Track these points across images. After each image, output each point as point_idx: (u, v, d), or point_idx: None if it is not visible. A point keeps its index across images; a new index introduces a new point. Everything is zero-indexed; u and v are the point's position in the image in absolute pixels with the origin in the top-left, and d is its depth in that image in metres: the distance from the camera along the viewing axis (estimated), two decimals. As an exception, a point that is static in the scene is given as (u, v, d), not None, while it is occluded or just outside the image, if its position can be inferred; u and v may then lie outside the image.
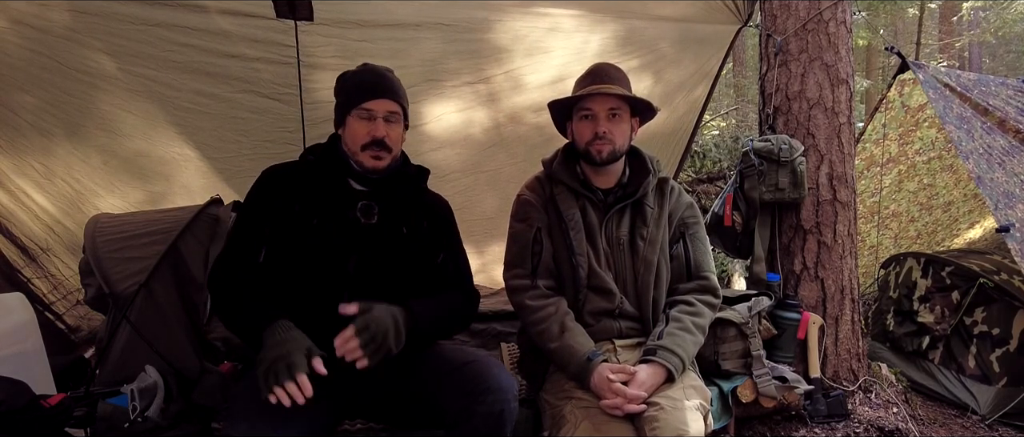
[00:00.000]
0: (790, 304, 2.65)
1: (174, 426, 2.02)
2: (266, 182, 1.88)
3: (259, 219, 1.82)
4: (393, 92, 1.87)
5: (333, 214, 1.83)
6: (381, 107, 1.83)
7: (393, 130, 1.86)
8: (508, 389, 1.69)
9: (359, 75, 1.90)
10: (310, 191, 1.84)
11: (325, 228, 1.80)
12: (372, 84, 1.85)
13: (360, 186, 1.88)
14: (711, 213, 3.02)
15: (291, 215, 1.80)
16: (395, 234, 1.88)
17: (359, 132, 1.83)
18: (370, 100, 1.82)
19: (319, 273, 1.79)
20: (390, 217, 1.88)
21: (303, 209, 1.81)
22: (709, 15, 3.10)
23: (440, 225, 2.01)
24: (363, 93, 1.84)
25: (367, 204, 1.85)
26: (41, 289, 3.13)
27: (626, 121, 2.05)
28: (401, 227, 1.90)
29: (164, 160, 3.17)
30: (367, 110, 1.82)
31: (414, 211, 1.94)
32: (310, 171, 1.87)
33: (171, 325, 2.32)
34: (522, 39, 3.06)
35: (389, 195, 1.90)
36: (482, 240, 3.89)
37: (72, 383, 2.37)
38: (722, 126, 10.18)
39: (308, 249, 1.79)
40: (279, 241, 1.80)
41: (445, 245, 2.00)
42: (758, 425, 2.57)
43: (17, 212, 3.06)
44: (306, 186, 1.85)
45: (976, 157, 2.82)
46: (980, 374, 3.20)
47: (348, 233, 1.82)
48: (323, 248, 1.80)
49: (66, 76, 2.72)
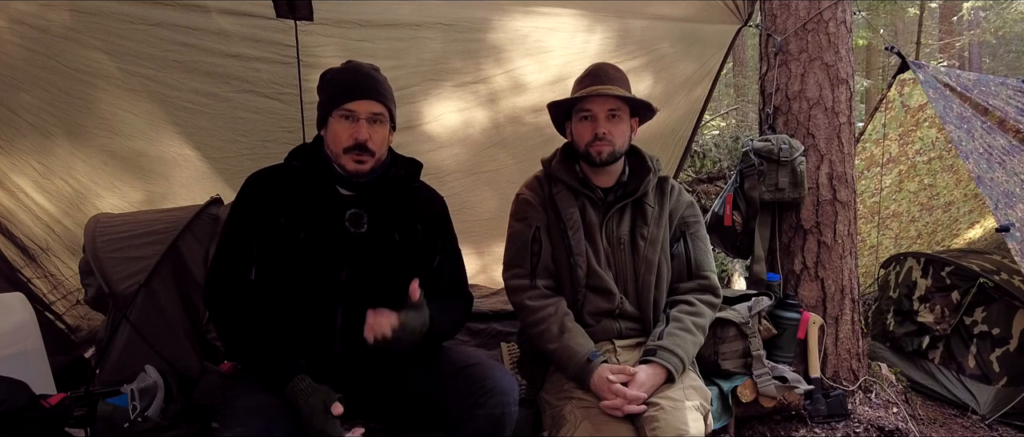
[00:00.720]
0: (790, 304, 2.65)
1: (174, 426, 2.02)
2: (248, 193, 1.80)
3: (246, 235, 1.76)
4: (377, 92, 1.79)
5: (321, 225, 1.77)
6: (364, 108, 1.74)
7: (377, 133, 1.77)
8: (509, 391, 1.68)
9: (342, 73, 1.81)
10: (296, 200, 1.78)
11: (314, 240, 1.76)
12: (355, 84, 1.77)
13: (347, 191, 1.82)
14: (711, 213, 3.02)
15: (277, 228, 1.74)
16: (387, 241, 1.83)
17: (341, 134, 1.75)
18: (352, 100, 1.74)
19: (310, 286, 1.76)
20: (381, 224, 1.83)
21: (289, 221, 1.75)
22: (709, 15, 3.10)
23: (435, 227, 1.96)
24: (345, 93, 1.75)
25: (356, 213, 1.79)
26: (41, 289, 3.13)
27: (625, 121, 2.05)
28: (393, 234, 1.84)
29: (164, 160, 3.17)
30: (349, 111, 1.74)
31: (406, 215, 1.88)
32: (295, 178, 1.81)
33: (171, 325, 2.32)
34: (522, 39, 3.06)
35: (377, 201, 1.84)
36: (482, 240, 3.89)
37: (72, 383, 2.37)
38: (722, 126, 10.17)
39: (298, 263, 1.75)
40: (267, 257, 1.75)
41: (441, 248, 1.97)
42: (758, 425, 2.57)
43: (17, 212, 3.06)
44: (292, 195, 1.78)
45: (976, 157, 2.82)
46: (980, 374, 3.20)
47: (338, 243, 1.77)
48: (313, 261, 1.75)
49: (66, 76, 2.72)
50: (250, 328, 1.70)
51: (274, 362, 1.66)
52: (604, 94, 1.99)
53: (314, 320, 1.76)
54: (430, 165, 3.38)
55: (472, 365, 1.76)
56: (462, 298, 2.02)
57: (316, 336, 1.77)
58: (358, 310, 1.70)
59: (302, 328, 1.75)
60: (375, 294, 1.76)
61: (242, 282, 1.74)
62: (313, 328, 1.76)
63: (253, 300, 1.74)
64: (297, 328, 1.75)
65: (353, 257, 1.78)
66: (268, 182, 1.81)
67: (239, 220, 1.79)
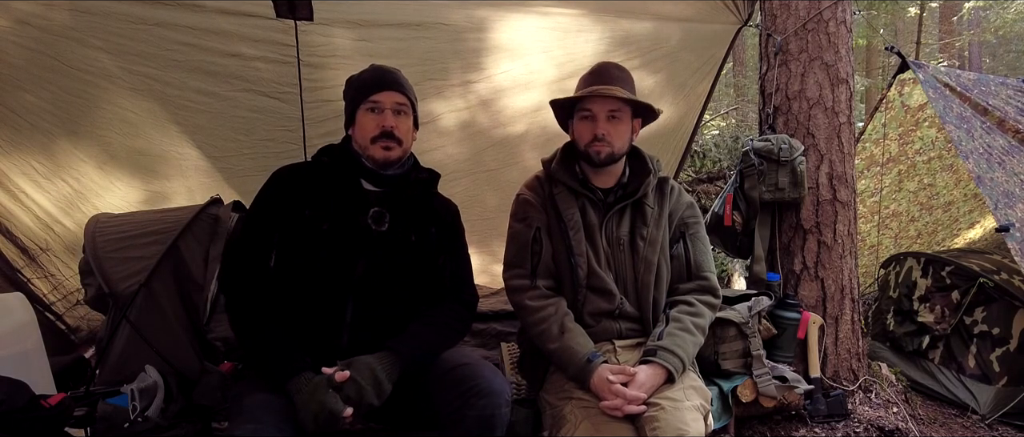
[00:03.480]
0: (790, 304, 2.65)
1: (174, 426, 2.02)
2: (276, 184, 1.88)
3: (269, 223, 1.82)
4: (400, 85, 1.90)
5: (344, 219, 1.83)
6: (388, 99, 1.86)
7: (402, 122, 1.87)
8: (500, 393, 1.69)
9: (365, 73, 1.93)
10: (321, 194, 1.84)
11: (336, 233, 1.81)
12: (379, 78, 1.89)
13: (373, 187, 1.88)
14: (711, 213, 3.02)
15: (301, 219, 1.80)
16: (404, 241, 1.88)
17: (368, 125, 1.85)
18: (377, 92, 1.86)
19: (326, 277, 1.80)
20: (401, 224, 1.89)
21: (314, 213, 1.81)
22: (709, 15, 3.10)
23: (446, 231, 2.01)
24: (370, 87, 1.87)
25: (379, 211, 1.86)
26: (41, 289, 3.13)
27: (626, 123, 2.05)
28: (410, 234, 1.90)
29: (164, 159, 3.16)
30: (375, 102, 1.85)
31: (424, 218, 1.95)
32: (322, 173, 1.88)
33: (171, 325, 2.32)
34: (523, 38, 3.06)
35: (400, 201, 1.90)
36: (483, 238, 3.89)
37: (72, 383, 2.37)
38: (722, 126, 10.17)
39: (317, 254, 1.80)
40: (288, 245, 1.80)
41: (447, 248, 2.00)
42: (758, 425, 2.57)
43: (17, 212, 3.06)
44: (317, 189, 1.85)
45: (976, 157, 2.82)
46: (980, 373, 3.20)
47: (358, 238, 1.83)
48: (332, 253, 1.80)
49: (66, 75, 2.72)
50: (263, 314, 1.74)
51: (280, 355, 1.68)
52: (605, 95, 1.99)
53: (325, 311, 1.79)
54: (432, 164, 3.38)
55: (462, 365, 1.76)
56: (462, 301, 2.00)
57: (325, 326, 1.79)
58: (368, 304, 1.79)
59: (312, 318, 1.78)
60: (386, 290, 1.83)
61: (261, 268, 1.79)
62: (323, 318, 1.79)
63: (269, 287, 1.78)
64: (307, 317, 1.78)
65: (371, 252, 1.83)
66: (297, 176, 1.89)
67: (263, 207, 1.85)
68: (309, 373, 1.65)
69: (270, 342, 1.70)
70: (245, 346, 1.81)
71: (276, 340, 1.71)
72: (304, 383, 1.61)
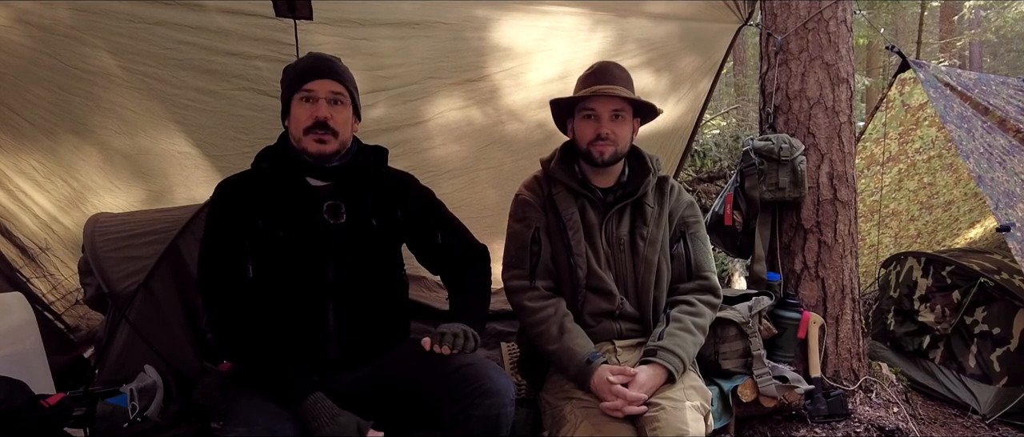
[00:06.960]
0: (790, 303, 2.65)
1: (173, 426, 2.02)
2: (223, 197, 1.80)
3: (233, 234, 1.74)
4: (336, 72, 1.81)
5: (299, 221, 1.76)
6: (323, 87, 1.77)
7: (338, 113, 1.79)
8: (505, 392, 1.67)
9: (302, 61, 1.86)
10: (270, 200, 1.77)
11: (294, 239, 1.74)
12: (314, 67, 1.80)
13: (320, 181, 1.81)
14: (711, 212, 3.02)
15: (256, 231, 1.73)
16: (366, 228, 1.83)
17: (301, 116, 1.77)
18: (310, 80, 1.77)
19: (298, 286, 1.74)
20: (358, 212, 1.82)
21: (267, 222, 1.74)
22: (709, 14, 3.09)
23: (417, 207, 1.97)
24: (304, 75, 1.78)
25: (334, 204, 1.79)
26: (40, 289, 3.12)
27: (628, 122, 2.05)
28: (371, 220, 1.84)
29: (164, 158, 3.16)
30: (309, 91, 1.77)
31: (382, 201, 1.89)
32: (266, 179, 1.80)
33: (170, 325, 2.32)
34: (523, 37, 3.05)
35: (352, 189, 1.83)
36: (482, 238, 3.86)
37: (71, 383, 2.37)
38: (722, 125, 10.16)
39: (281, 264, 1.73)
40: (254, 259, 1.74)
41: (435, 222, 1.99)
42: (758, 425, 2.56)
43: (16, 212, 3.05)
44: (264, 195, 1.77)
45: (977, 156, 2.82)
46: (980, 373, 3.20)
47: (319, 239, 1.77)
48: (296, 260, 1.74)
49: (67, 74, 2.71)
50: (252, 332, 1.68)
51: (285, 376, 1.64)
52: (609, 94, 1.98)
53: (306, 322, 1.75)
54: (432, 162, 3.40)
55: (467, 365, 1.75)
56: (477, 255, 2.05)
57: (309, 339, 1.75)
58: (349, 307, 1.73)
59: (293, 332, 1.73)
60: (363, 288, 1.78)
61: (240, 280, 1.73)
62: (306, 331, 1.75)
63: (251, 301, 1.72)
64: (291, 332, 1.73)
65: (337, 253, 1.77)
66: (240, 187, 1.81)
67: (220, 222, 1.77)
68: (318, 393, 1.61)
69: (267, 364, 1.65)
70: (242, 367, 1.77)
71: (273, 359, 1.65)
72: (321, 411, 1.57)
